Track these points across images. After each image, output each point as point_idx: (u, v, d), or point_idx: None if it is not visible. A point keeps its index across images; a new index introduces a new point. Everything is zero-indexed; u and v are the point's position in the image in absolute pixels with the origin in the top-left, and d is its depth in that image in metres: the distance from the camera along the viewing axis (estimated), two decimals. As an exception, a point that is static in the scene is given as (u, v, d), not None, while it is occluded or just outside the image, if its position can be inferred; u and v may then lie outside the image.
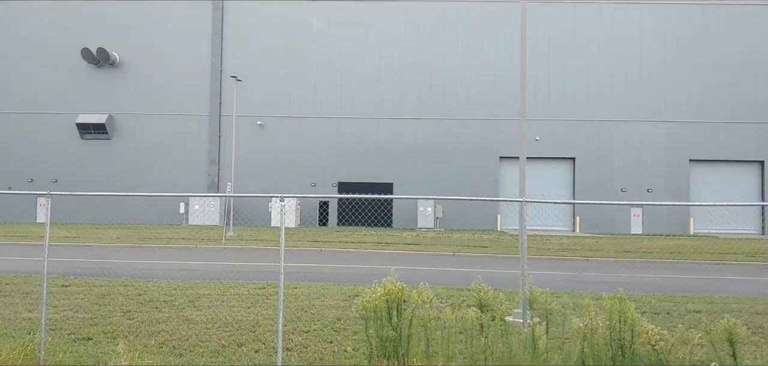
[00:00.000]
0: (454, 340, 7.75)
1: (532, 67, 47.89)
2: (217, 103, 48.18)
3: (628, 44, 47.96)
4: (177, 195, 12.39)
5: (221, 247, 28.07)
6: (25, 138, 47.08)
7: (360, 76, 47.69)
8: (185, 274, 16.86)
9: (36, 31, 47.82)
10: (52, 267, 18.35)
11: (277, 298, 12.26)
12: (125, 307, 11.45)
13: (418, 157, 47.23)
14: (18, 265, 18.53)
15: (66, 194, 8.96)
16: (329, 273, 18.50)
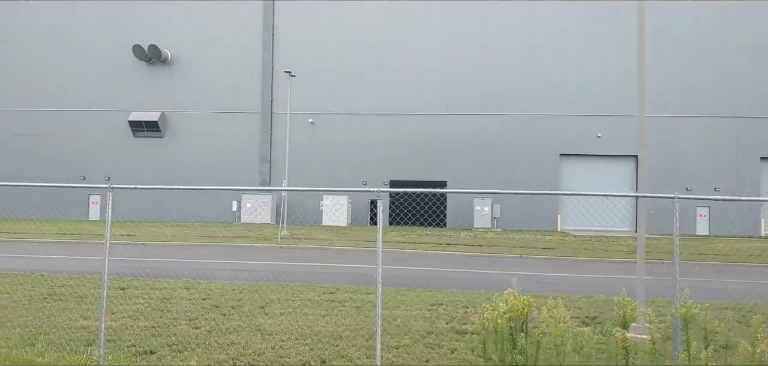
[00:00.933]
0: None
1: (592, 63, 45.85)
2: (268, 100, 47.46)
3: (693, 39, 45.51)
4: (239, 189, 11.45)
5: (277, 246, 27.10)
6: (79, 136, 47.17)
7: (412, 71, 46.32)
8: (247, 276, 15.79)
9: (88, 30, 47.88)
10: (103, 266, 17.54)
11: (370, 308, 11.01)
12: (190, 313, 10.34)
13: (472, 155, 45.61)
14: (72, 265, 17.77)
15: (129, 188, 7.84)
16: (397, 276, 17.21)
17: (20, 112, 47.43)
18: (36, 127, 47.20)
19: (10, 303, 10.79)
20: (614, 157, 46.24)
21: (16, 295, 11.64)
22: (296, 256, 22.88)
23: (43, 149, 46.52)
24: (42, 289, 12.25)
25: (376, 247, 7.49)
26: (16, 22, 47.98)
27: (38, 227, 30.55)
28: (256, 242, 29.12)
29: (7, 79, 47.65)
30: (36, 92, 47.48)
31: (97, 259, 20.07)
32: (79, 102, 47.34)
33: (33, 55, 47.76)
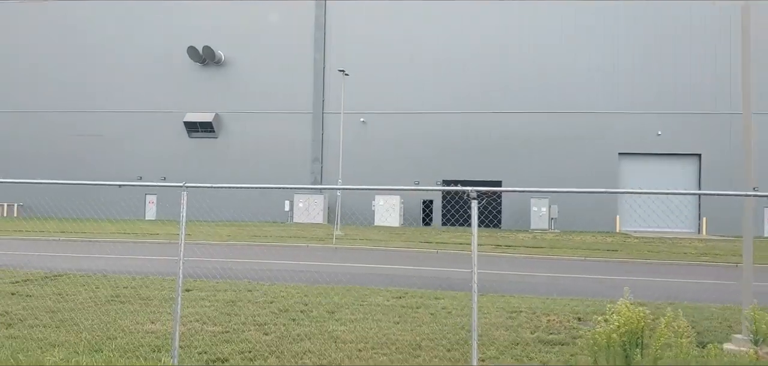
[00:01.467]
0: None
1: (651, 59, 44.22)
2: (319, 100, 47.31)
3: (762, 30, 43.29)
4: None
5: (333, 247, 26.69)
6: (136, 136, 47.90)
7: (466, 69, 45.47)
8: (308, 277, 15.35)
9: (144, 31, 48.57)
10: (168, 267, 17.34)
11: (445, 315, 10.39)
12: (258, 318, 9.89)
13: (528, 154, 44.47)
14: (134, 265, 17.67)
15: (203, 187, 7.41)
16: (461, 279, 16.51)
17: (83, 114, 48.43)
18: (97, 129, 48.13)
19: (75, 306, 10.55)
20: (675, 156, 44.55)
21: (80, 297, 11.42)
22: (353, 257, 22.41)
23: (103, 149, 47.37)
24: (106, 291, 12.01)
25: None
26: (77, 25, 49.05)
27: (98, 227, 30.92)
28: (311, 242, 28.80)
29: (71, 82, 48.71)
30: (97, 94, 48.42)
31: (158, 258, 20.01)
32: (137, 103, 48.06)
33: (93, 58, 48.73)
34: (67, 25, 49.19)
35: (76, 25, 49.14)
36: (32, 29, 49.56)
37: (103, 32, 48.82)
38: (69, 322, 9.30)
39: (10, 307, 10.23)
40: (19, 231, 29.69)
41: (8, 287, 12.14)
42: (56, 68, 48.88)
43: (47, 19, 49.45)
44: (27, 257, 18.48)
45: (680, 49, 43.94)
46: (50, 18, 49.45)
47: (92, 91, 48.51)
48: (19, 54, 49.52)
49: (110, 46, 48.66)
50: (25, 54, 49.39)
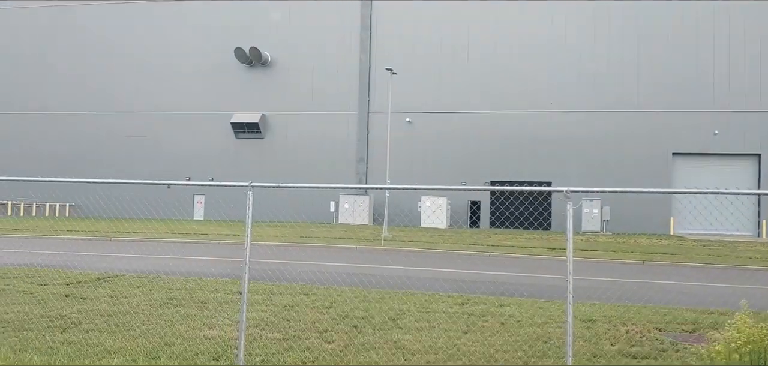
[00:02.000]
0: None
1: (706, 57, 42.58)
2: (365, 100, 46.95)
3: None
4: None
5: (382, 249, 26.19)
6: (184, 137, 48.29)
7: (513, 67, 44.50)
8: (362, 280, 14.84)
9: (191, 32, 48.95)
10: (221, 268, 17.10)
11: (515, 325, 9.75)
12: (318, 324, 9.41)
13: (578, 154, 43.26)
14: (187, 266, 17.47)
15: (269, 186, 6.97)
16: (519, 284, 15.84)
17: (131, 116, 49.08)
18: (145, 130, 48.71)
19: (130, 308, 10.25)
20: (733, 156, 42.86)
21: (134, 299, 11.14)
22: (404, 259, 21.86)
23: (151, 151, 47.89)
24: (160, 294, 11.71)
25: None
26: (125, 27, 49.72)
27: (148, 226, 31.06)
28: (359, 243, 28.36)
29: (120, 83, 49.43)
30: (145, 96, 49.00)
31: (210, 259, 19.82)
32: (185, 105, 48.47)
33: (140, 59, 49.33)
34: (115, 27, 49.91)
35: (124, 27, 49.83)
36: (81, 32, 50.45)
37: (152, 34, 49.40)
38: (124, 326, 8.98)
39: (64, 309, 9.98)
40: (71, 231, 30.02)
41: (62, 289, 11.95)
42: (105, 71, 49.66)
43: (95, 22, 50.27)
44: (80, 258, 18.46)
45: (737, 47, 42.28)
46: (98, 21, 50.26)
47: (141, 93, 49.13)
48: (68, 57, 50.47)
49: (158, 48, 49.20)
50: (75, 57, 50.30)
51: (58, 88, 50.49)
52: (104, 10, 50.38)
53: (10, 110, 50.84)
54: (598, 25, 43.86)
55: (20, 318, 9.27)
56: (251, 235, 6.88)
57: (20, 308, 9.96)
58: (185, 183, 7.21)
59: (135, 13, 49.83)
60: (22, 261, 16.09)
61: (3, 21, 51.82)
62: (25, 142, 49.63)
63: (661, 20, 43.14)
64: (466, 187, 6.91)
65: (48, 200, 46.21)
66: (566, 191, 6.06)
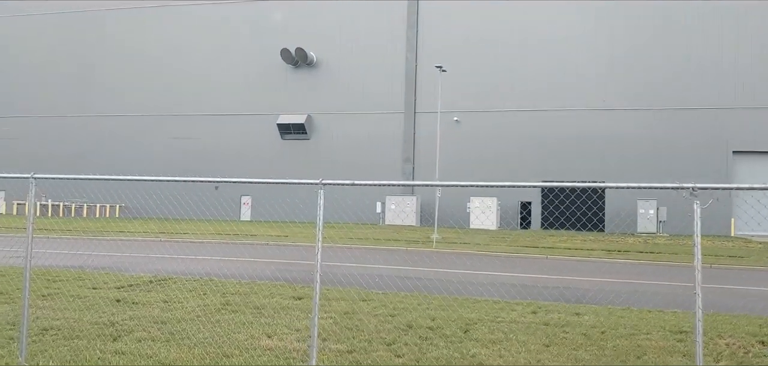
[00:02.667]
0: None
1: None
2: (411, 99, 46.21)
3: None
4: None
5: (433, 250, 25.40)
6: (231, 139, 48.32)
7: (564, 64, 43.17)
8: (419, 284, 14.06)
9: (237, 34, 48.97)
10: (274, 271, 16.55)
11: (600, 337, 8.84)
12: (384, 335, 8.69)
13: (632, 153, 41.71)
14: (238, 268, 16.99)
15: (342, 184, 6.29)
16: (587, 289, 14.84)
17: (179, 118, 49.36)
18: (192, 132, 48.92)
19: (184, 315, 9.71)
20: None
21: (188, 304, 10.62)
22: (459, 262, 21.00)
23: (198, 152, 48.02)
24: (214, 298, 11.17)
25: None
26: (171, 29, 50.03)
27: (197, 227, 30.91)
28: (409, 245, 27.62)
29: (166, 86, 49.76)
30: (192, 98, 49.22)
31: (262, 261, 19.34)
32: (231, 106, 48.51)
33: (188, 62, 49.57)
34: (160, 30, 50.26)
35: (170, 29, 50.15)
36: (129, 36, 50.97)
37: (198, 37, 49.59)
38: (179, 334, 8.41)
39: (116, 316, 9.49)
40: (122, 232, 30.06)
41: (113, 293, 11.52)
42: (152, 74, 50.03)
43: (142, 25, 50.72)
44: (130, 260, 18.18)
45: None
46: (144, 24, 50.70)
47: (187, 95, 49.37)
48: (115, 61, 51.01)
49: (205, 51, 49.37)
50: (121, 61, 50.81)
51: (106, 91, 51.10)
52: (149, 13, 50.79)
53: (58, 113, 51.70)
54: (653, 21, 42.22)
55: (70, 324, 8.81)
56: (320, 237, 6.20)
57: (70, 314, 9.52)
58: (253, 181, 6.57)
59: (181, 16, 50.11)
60: (73, 263, 15.83)
61: (52, 24, 52.74)
62: (73, 144, 50.38)
63: (718, 15, 41.34)
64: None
65: (98, 201, 46.77)
66: (692, 188, 5.18)
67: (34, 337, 8.20)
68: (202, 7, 49.84)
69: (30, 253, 7.07)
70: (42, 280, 12.68)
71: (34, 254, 6.94)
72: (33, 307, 9.92)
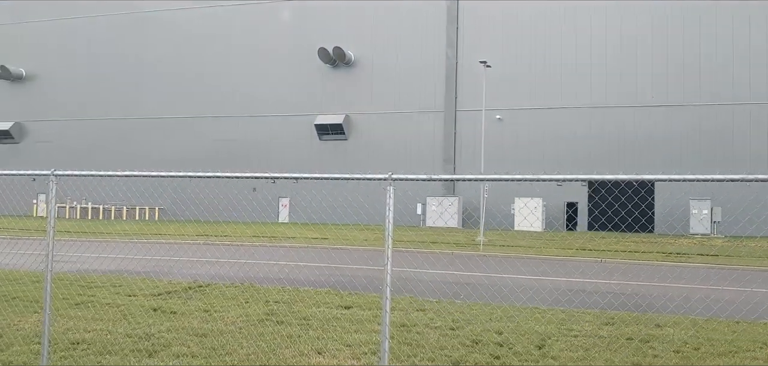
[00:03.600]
0: None
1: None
2: (452, 98, 45.11)
3: None
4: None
5: (481, 254, 24.30)
6: (267, 139, 47.89)
7: (612, 59, 41.57)
8: (473, 292, 13.06)
9: (275, 34, 48.51)
10: (316, 275, 15.74)
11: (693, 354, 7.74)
12: (447, 351, 7.70)
13: (684, 151, 39.94)
14: (279, 272, 16.23)
15: (410, 179, 5.34)
16: (657, 296, 13.63)
17: (219, 119, 49.12)
18: (231, 134, 48.63)
19: (225, 326, 8.87)
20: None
21: (229, 314, 9.80)
22: (510, 267, 19.91)
23: (237, 153, 47.65)
24: (257, 307, 10.34)
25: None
26: (209, 31, 49.81)
27: (235, 229, 30.38)
28: (455, 249, 26.57)
29: (205, 88, 49.56)
30: (230, 99, 48.92)
31: (302, 265, 18.58)
32: (269, 107, 48.07)
33: (226, 63, 49.31)
34: (199, 31, 50.07)
35: (207, 31, 49.90)
36: (166, 37, 50.89)
37: (236, 39, 49.26)
38: (221, 349, 7.56)
39: (152, 327, 8.70)
40: (160, 234, 29.66)
41: (150, 301, 10.77)
42: (192, 75, 49.89)
43: (179, 27, 50.61)
44: (169, 264, 17.54)
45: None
46: (181, 25, 50.56)
47: (227, 96, 49.07)
48: (156, 63, 51.00)
49: (242, 51, 49.02)
50: (162, 63, 50.78)
51: (147, 94, 51.15)
52: (186, 14, 50.65)
53: (100, 116, 51.95)
54: (703, 13, 40.35)
55: (103, 337, 8.04)
56: (390, 242, 5.28)
57: (103, 325, 8.77)
58: (316, 176, 5.67)
59: (218, 17, 49.86)
60: (110, 268, 15.22)
61: (95, 27, 53.05)
62: (115, 147, 50.54)
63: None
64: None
65: (137, 204, 46.77)
66: None
67: (64, 351, 7.45)
68: (240, 7, 49.50)
69: (51, 259, 6.29)
70: (76, 286, 12.03)
71: (69, 259, 6.12)
72: (64, 317, 9.22)
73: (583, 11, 42.33)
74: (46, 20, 54.39)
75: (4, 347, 7.57)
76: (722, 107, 40.00)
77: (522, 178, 5.24)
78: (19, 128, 54.90)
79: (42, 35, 54.43)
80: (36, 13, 54.56)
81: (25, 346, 7.56)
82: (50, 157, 50.53)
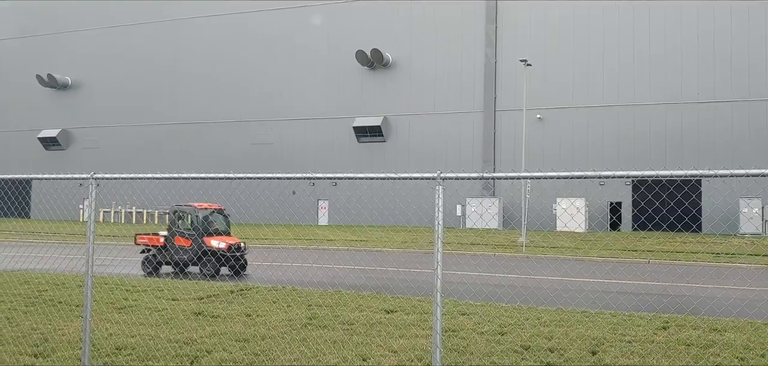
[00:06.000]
0: None
1: None
2: (491, 98, 44.51)
3: None
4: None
5: (523, 256, 23.83)
6: (306, 142, 48.01)
7: (655, 56, 40.46)
8: (518, 295, 12.70)
9: (312, 37, 48.58)
10: (355, 279, 15.57)
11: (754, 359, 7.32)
12: (496, 358, 7.41)
13: (733, 149, 38.59)
14: (319, 275, 16.11)
15: (460, 178, 5.10)
16: (706, 298, 13.07)
17: (258, 123, 49.44)
18: (270, 137, 48.92)
19: (267, 331, 8.74)
20: None
21: (272, 318, 9.67)
22: (554, 268, 19.44)
23: (276, 157, 47.87)
24: (299, 311, 10.20)
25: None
26: (247, 35, 50.16)
27: (276, 232, 30.48)
28: (496, 250, 26.13)
29: (243, 92, 49.95)
30: (269, 102, 49.19)
31: (343, 268, 18.45)
32: (307, 110, 48.20)
33: (264, 67, 49.59)
34: (236, 35, 50.40)
35: (245, 35, 50.19)
36: (202, 43, 51.41)
37: (276, 41, 49.47)
38: (264, 355, 7.43)
39: (195, 332, 8.62)
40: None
41: (193, 305, 10.73)
42: (231, 80, 50.32)
43: (216, 31, 51.07)
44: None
45: None
46: (219, 30, 51.02)
47: (265, 100, 49.32)
48: (193, 69, 51.56)
49: (280, 55, 49.22)
50: (199, 68, 51.31)
51: (187, 99, 51.76)
52: (222, 20, 51.12)
53: (142, 122, 52.83)
54: (750, 10, 38.99)
55: (146, 342, 7.98)
56: (440, 246, 5.05)
57: (146, 330, 8.73)
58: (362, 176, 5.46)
59: (255, 21, 50.17)
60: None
61: (132, 34, 53.99)
62: (156, 151, 51.32)
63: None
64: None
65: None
66: None
67: (107, 356, 7.41)
68: (276, 12, 49.73)
69: (91, 263, 6.21)
70: (120, 290, 12.08)
71: (111, 262, 6.04)
72: (108, 322, 9.23)
73: (624, 9, 41.34)
74: (89, 29, 55.60)
75: (50, 352, 7.57)
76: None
77: (567, 175, 4.95)
78: (66, 135, 56.24)
79: (85, 44, 55.65)
80: (79, 22, 55.82)
81: (69, 351, 7.54)
82: (96, 162, 51.60)
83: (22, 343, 7.81)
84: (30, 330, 8.60)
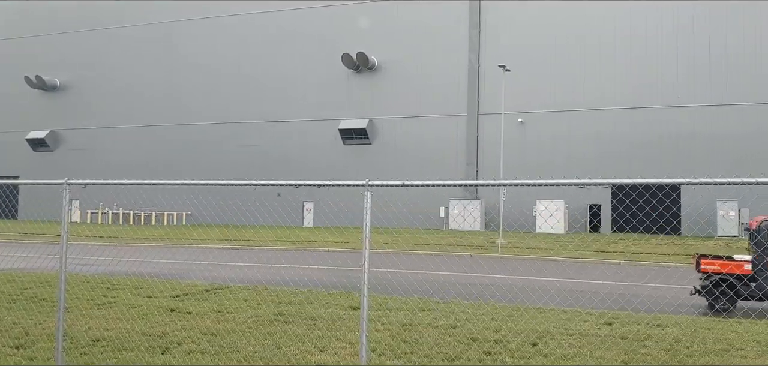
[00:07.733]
0: None
1: None
2: (474, 101, 45.22)
3: None
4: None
5: (498, 257, 24.52)
6: (291, 144, 48.51)
7: (636, 60, 41.29)
8: (484, 292, 13.34)
9: (298, 40, 49.13)
10: (328, 278, 16.18)
11: (687, 355, 7.96)
12: (445, 349, 8.03)
13: (713, 154, 39.37)
14: (295, 275, 16.70)
15: (388, 185, 5.72)
16: (659, 297, 13.75)
17: (244, 125, 49.92)
18: (253, 138, 49.40)
19: (235, 326, 9.34)
20: None
21: (241, 315, 10.26)
22: (525, 268, 20.11)
23: (262, 158, 48.34)
24: (268, 308, 10.80)
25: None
26: (233, 38, 50.65)
27: (259, 233, 31.01)
28: (474, 251, 26.81)
29: (228, 95, 50.43)
30: (256, 105, 49.68)
31: (319, 269, 19.04)
32: (293, 112, 48.72)
33: (249, 70, 50.08)
34: (222, 38, 50.89)
35: (230, 38, 50.68)
36: (190, 46, 51.87)
37: (261, 44, 49.99)
38: (229, 347, 8.02)
39: (168, 326, 9.21)
40: (186, 239, 30.40)
41: (168, 302, 11.31)
42: (215, 82, 50.77)
43: (203, 35, 51.53)
44: (191, 267, 18.13)
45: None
46: (206, 33, 51.47)
47: (252, 102, 49.81)
48: (181, 71, 52.01)
49: (267, 58, 49.74)
50: (186, 71, 51.76)
51: (175, 102, 52.18)
52: (209, 23, 51.60)
53: (130, 124, 53.22)
54: (728, 13, 39.87)
55: (121, 335, 8.56)
56: (368, 244, 5.65)
57: (123, 324, 9.30)
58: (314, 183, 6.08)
59: (241, 24, 50.66)
60: (133, 270, 15.84)
61: (125, 39, 54.35)
62: (143, 154, 51.69)
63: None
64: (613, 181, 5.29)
65: (166, 209, 47.80)
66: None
67: (84, 348, 7.98)
68: (262, 15, 50.27)
69: (64, 263, 6.79)
70: (101, 288, 12.64)
71: (95, 262, 6.61)
72: (87, 317, 9.79)
73: (606, 11, 42.15)
74: (79, 31, 55.92)
75: (30, 344, 8.12)
76: (749, 107, 39.42)
77: (515, 183, 5.53)
78: (54, 137, 56.52)
79: (74, 46, 55.96)
80: (68, 24, 56.13)
81: (48, 344, 8.10)
82: (84, 164, 51.96)
83: (5, 336, 8.36)
84: (12, 325, 9.14)
